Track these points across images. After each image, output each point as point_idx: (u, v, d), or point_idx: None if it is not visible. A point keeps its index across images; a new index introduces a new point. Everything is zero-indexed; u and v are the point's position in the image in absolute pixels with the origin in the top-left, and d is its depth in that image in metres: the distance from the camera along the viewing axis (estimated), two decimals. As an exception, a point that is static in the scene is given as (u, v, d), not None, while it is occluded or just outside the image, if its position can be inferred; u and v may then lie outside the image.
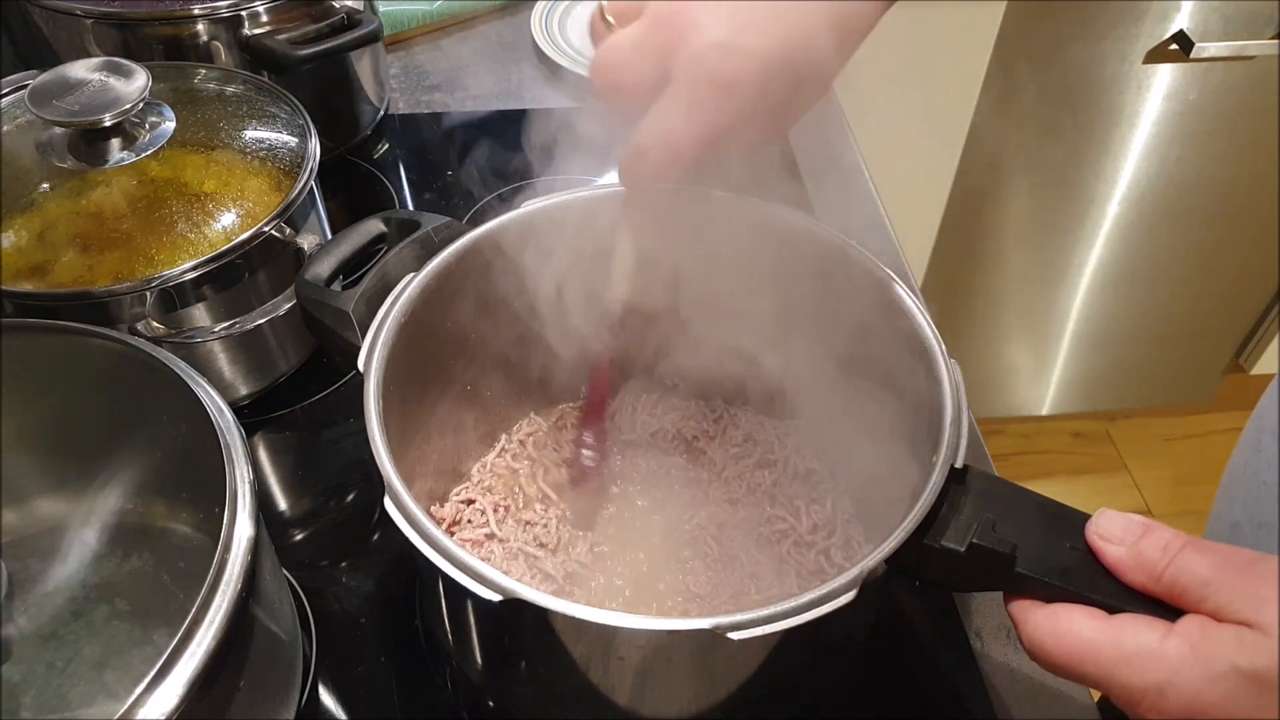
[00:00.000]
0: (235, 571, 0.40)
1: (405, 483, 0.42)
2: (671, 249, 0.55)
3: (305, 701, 0.53)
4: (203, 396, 0.46)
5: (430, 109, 0.95)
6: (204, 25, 0.74)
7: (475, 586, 0.39)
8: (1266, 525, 0.51)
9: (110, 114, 0.58)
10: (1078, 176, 1.50)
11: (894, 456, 0.50)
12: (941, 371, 0.47)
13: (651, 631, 0.38)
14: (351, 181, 0.86)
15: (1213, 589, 0.34)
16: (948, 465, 0.43)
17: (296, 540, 0.61)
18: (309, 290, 0.51)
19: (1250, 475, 0.53)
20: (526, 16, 1.04)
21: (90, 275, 0.56)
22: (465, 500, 0.58)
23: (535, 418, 0.63)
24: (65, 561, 0.47)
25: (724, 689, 0.45)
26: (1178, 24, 1.30)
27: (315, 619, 0.56)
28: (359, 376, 0.47)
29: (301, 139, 0.65)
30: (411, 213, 0.56)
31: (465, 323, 0.55)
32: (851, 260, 0.53)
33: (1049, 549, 0.40)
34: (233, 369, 0.65)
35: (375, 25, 0.79)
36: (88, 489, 0.49)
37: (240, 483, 0.43)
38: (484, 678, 0.51)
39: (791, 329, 0.55)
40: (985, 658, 0.56)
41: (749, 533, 0.56)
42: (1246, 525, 0.53)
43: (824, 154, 0.90)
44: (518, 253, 0.54)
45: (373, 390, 0.46)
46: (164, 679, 0.37)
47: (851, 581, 0.39)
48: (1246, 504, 0.53)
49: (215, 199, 0.60)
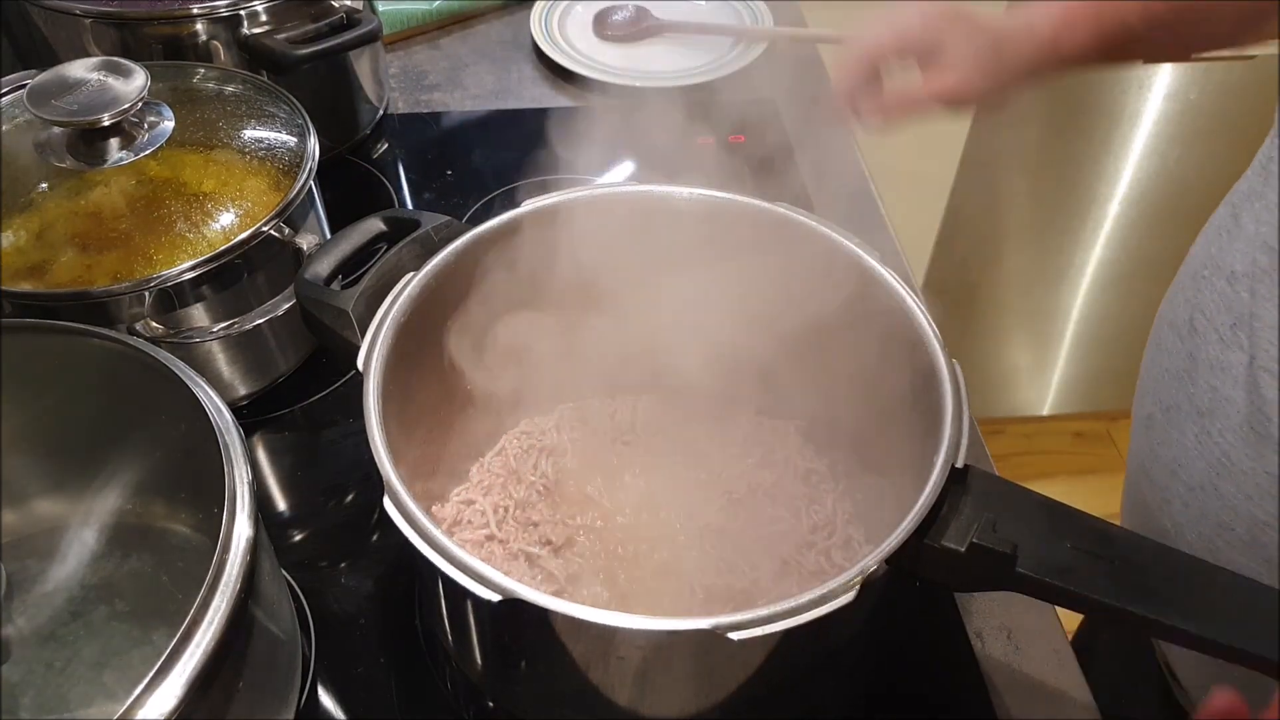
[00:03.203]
0: (234, 572, 0.40)
1: (405, 483, 0.42)
2: (672, 249, 0.55)
3: (304, 702, 0.53)
4: (202, 397, 0.46)
5: (430, 108, 0.95)
6: (203, 25, 0.74)
7: (475, 586, 0.39)
8: (1173, 408, 0.55)
9: (109, 114, 0.58)
10: (1078, 176, 1.50)
11: (894, 456, 0.50)
12: (942, 371, 0.47)
13: (651, 631, 0.38)
14: (351, 181, 0.86)
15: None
16: (948, 465, 0.43)
17: (296, 540, 0.61)
18: (308, 289, 0.51)
19: (1157, 368, 0.58)
20: (526, 16, 1.03)
21: (89, 275, 0.56)
22: (465, 501, 0.58)
23: (535, 418, 0.62)
24: (64, 562, 0.47)
25: (724, 689, 0.44)
26: (1178, 24, 1.30)
27: (315, 619, 0.56)
28: (358, 376, 0.47)
29: (301, 138, 0.65)
30: (411, 212, 0.56)
31: (465, 322, 0.55)
32: (852, 260, 0.53)
33: (1049, 549, 0.40)
34: (232, 369, 0.65)
35: (374, 25, 0.79)
36: (86, 489, 0.49)
37: (239, 483, 0.43)
38: (484, 678, 0.51)
39: (792, 329, 0.55)
40: (985, 658, 0.56)
41: (749, 533, 0.56)
42: (1158, 414, 0.57)
43: (824, 154, 0.90)
44: (518, 252, 0.54)
45: (373, 390, 0.46)
46: (163, 679, 0.37)
47: (851, 581, 0.39)
48: (1155, 395, 0.58)
49: (214, 199, 0.60)
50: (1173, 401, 0.55)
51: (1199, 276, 0.54)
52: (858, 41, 0.54)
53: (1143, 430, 0.59)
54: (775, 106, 0.95)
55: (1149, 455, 0.57)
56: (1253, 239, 0.48)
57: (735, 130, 0.88)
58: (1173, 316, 0.56)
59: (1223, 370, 0.50)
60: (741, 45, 1.00)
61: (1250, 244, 0.49)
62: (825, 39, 1.01)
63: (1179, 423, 0.54)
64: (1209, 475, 0.51)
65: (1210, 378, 0.51)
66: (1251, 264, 0.48)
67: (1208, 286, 0.52)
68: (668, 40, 1.02)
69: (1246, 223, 0.50)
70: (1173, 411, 0.55)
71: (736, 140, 0.85)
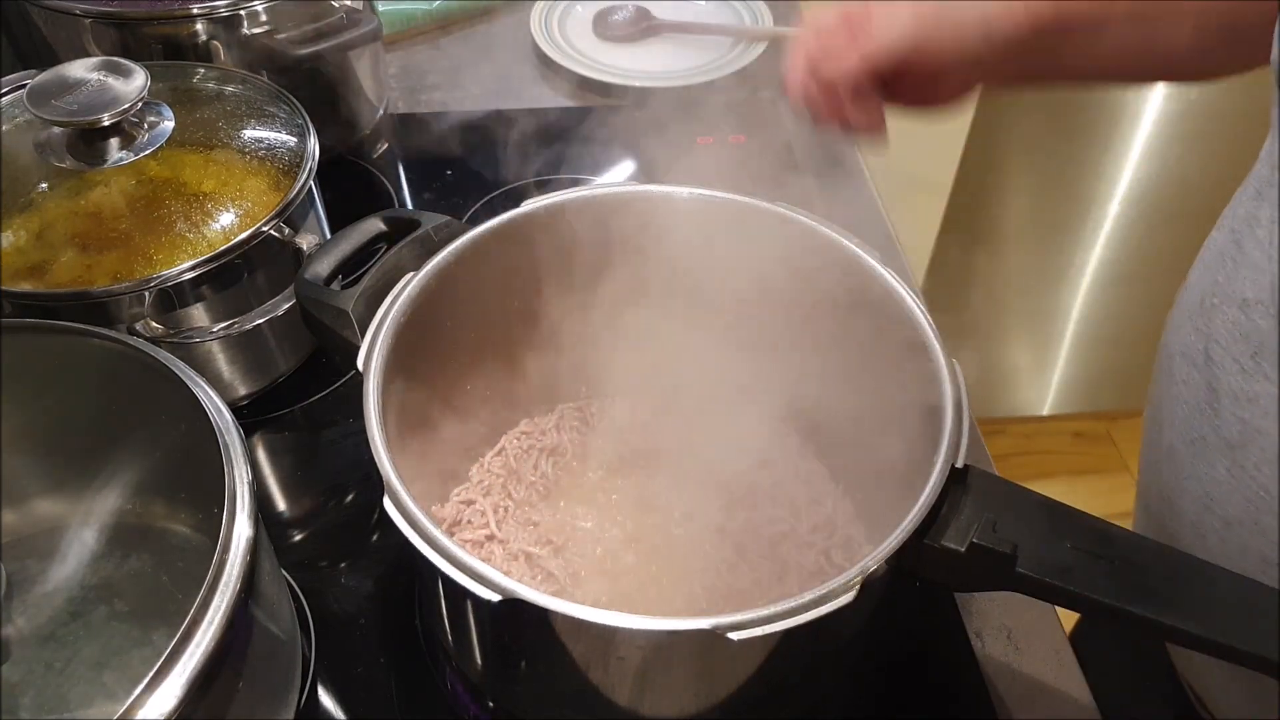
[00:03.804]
0: (234, 572, 0.40)
1: (405, 483, 0.42)
2: (672, 249, 0.55)
3: (304, 702, 0.53)
4: (201, 397, 0.46)
5: (429, 108, 0.95)
6: (203, 24, 0.74)
7: (475, 586, 0.39)
8: (1198, 441, 0.53)
9: (109, 113, 0.58)
10: (1078, 176, 1.50)
11: (894, 457, 0.50)
12: (942, 371, 0.47)
13: (651, 631, 0.38)
14: (351, 181, 0.86)
15: None
16: (948, 465, 0.43)
17: (296, 541, 0.61)
18: (308, 289, 0.51)
19: (1173, 400, 0.55)
20: (526, 16, 1.03)
21: (89, 275, 0.56)
22: (465, 501, 0.58)
23: (535, 418, 0.62)
24: (64, 562, 0.47)
25: (724, 689, 0.44)
26: (1178, 23, 1.30)
27: (314, 619, 0.56)
28: (358, 376, 0.47)
29: (300, 138, 0.65)
30: (411, 212, 0.56)
31: (465, 322, 0.55)
32: (852, 260, 0.53)
33: (1049, 549, 0.40)
34: (232, 369, 0.65)
35: (374, 24, 0.79)
36: (86, 489, 0.49)
37: (239, 483, 0.43)
38: (484, 678, 0.51)
39: (791, 328, 0.55)
40: (985, 658, 0.56)
41: (749, 533, 0.56)
42: (1181, 446, 0.55)
43: (824, 154, 0.90)
44: (518, 252, 0.54)
45: (372, 390, 0.46)
46: (163, 680, 0.37)
47: (851, 582, 0.39)
48: (1174, 427, 0.55)
49: (214, 199, 0.60)
50: (1196, 434, 0.53)
51: (1207, 305, 0.52)
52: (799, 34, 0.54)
53: (1164, 462, 0.57)
54: (775, 106, 0.95)
55: (1175, 489, 0.56)
56: (1260, 265, 0.47)
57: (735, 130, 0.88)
58: (1183, 346, 0.54)
59: (1249, 402, 0.48)
60: (741, 45, 1.00)
61: (1258, 270, 0.48)
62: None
63: (1206, 455, 0.52)
64: (1247, 510, 0.50)
65: (1236, 409, 0.49)
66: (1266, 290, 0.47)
67: (1219, 315, 0.51)
68: (668, 40, 1.02)
69: (1250, 249, 0.48)
70: (1198, 444, 0.53)
71: (736, 140, 0.85)
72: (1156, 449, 0.58)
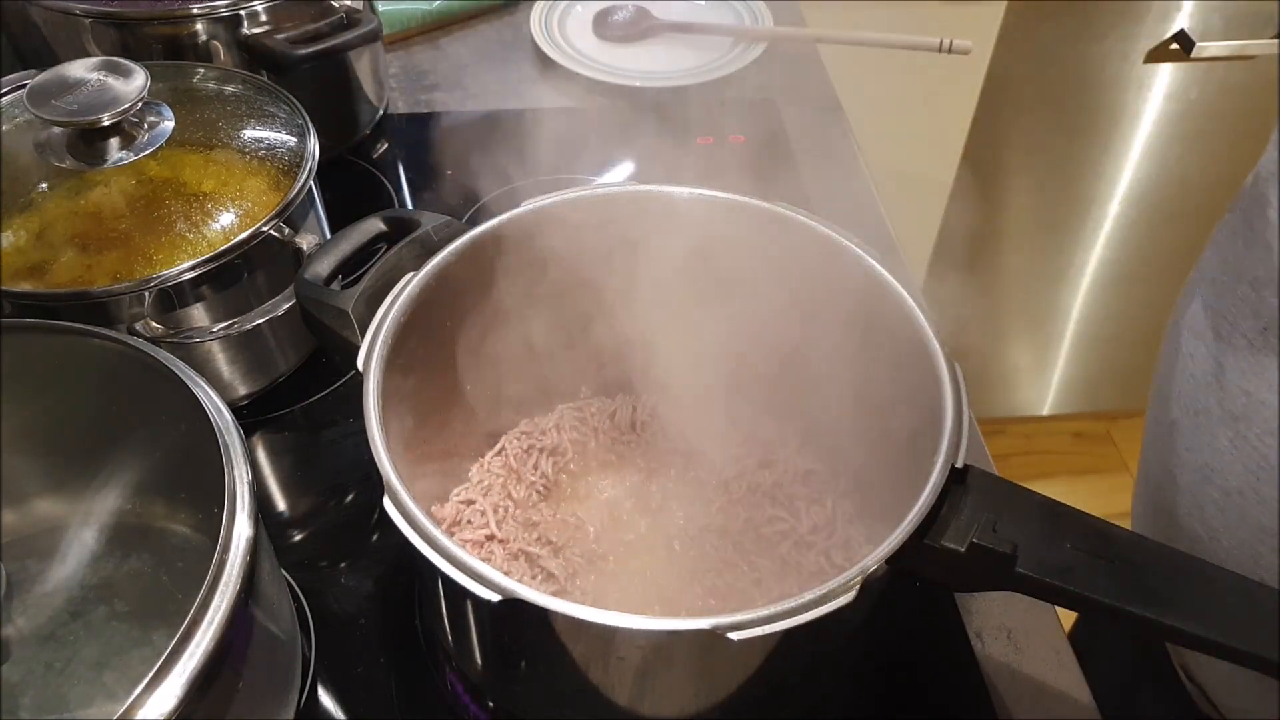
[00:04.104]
0: (234, 572, 0.40)
1: (405, 483, 0.42)
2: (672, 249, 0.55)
3: (304, 702, 0.53)
4: (201, 396, 0.46)
5: (429, 108, 0.95)
6: (203, 25, 0.74)
7: (474, 586, 0.39)
8: (1202, 413, 0.54)
9: (109, 113, 0.58)
10: (1078, 176, 1.50)
11: (894, 456, 0.50)
12: (942, 371, 0.47)
13: (651, 631, 0.38)
14: (351, 181, 0.86)
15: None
16: (948, 465, 0.43)
17: (296, 540, 0.61)
18: (308, 289, 0.51)
19: (1178, 373, 0.57)
20: (526, 16, 1.03)
21: (89, 275, 0.56)
22: (465, 501, 0.58)
23: (535, 418, 0.62)
24: (64, 562, 0.47)
25: (724, 689, 0.44)
26: (1178, 23, 1.30)
27: (314, 619, 0.56)
28: (358, 376, 0.47)
29: (300, 138, 0.65)
30: (411, 212, 0.56)
31: (465, 322, 0.55)
32: (851, 260, 0.53)
33: (1049, 549, 0.40)
34: (232, 369, 0.65)
35: (374, 24, 0.79)
36: (86, 489, 0.49)
37: (239, 483, 0.43)
38: (484, 678, 0.51)
39: (791, 328, 0.55)
40: (985, 658, 0.56)
41: (749, 533, 0.56)
42: (1184, 419, 0.56)
43: (824, 153, 0.90)
44: (518, 252, 0.54)
45: (372, 390, 0.46)
46: (163, 680, 0.37)
47: (851, 582, 0.39)
48: (1179, 400, 0.57)
49: (214, 198, 0.60)
50: (1201, 406, 0.54)
51: (1217, 282, 0.53)
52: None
53: (1166, 436, 0.58)
54: (775, 106, 0.95)
55: (1175, 461, 0.57)
56: (1270, 245, 0.48)
57: (735, 130, 0.88)
58: (1192, 322, 0.56)
59: (1255, 375, 0.50)
60: (741, 45, 1.00)
61: (1268, 250, 0.49)
62: (825, 39, 1.01)
63: (1209, 427, 0.54)
64: (1247, 479, 0.51)
65: (1242, 382, 0.51)
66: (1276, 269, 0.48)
67: (1229, 292, 0.52)
68: (668, 40, 1.02)
69: (1261, 229, 0.50)
70: (1202, 416, 0.54)
71: (736, 140, 0.86)
72: (1159, 423, 0.59)
